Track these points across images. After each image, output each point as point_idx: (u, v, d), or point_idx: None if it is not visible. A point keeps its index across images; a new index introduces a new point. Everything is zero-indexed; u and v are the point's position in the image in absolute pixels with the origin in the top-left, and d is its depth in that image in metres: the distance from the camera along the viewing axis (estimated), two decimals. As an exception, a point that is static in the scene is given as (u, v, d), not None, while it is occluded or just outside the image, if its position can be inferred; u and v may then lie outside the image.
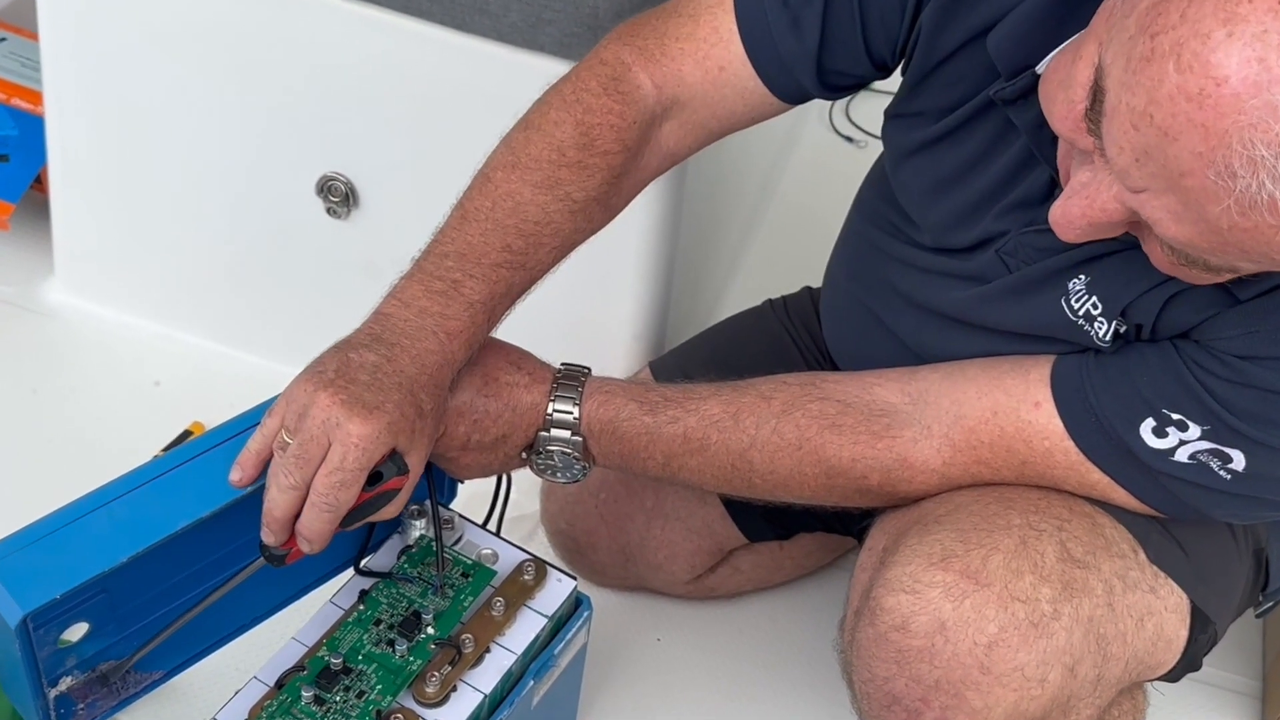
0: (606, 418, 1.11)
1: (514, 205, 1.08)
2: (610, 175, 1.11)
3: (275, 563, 1.00)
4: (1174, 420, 1.00)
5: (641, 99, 1.12)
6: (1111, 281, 1.02)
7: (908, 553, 1.04)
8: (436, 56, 1.44)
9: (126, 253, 1.68)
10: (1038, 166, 1.04)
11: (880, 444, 1.09)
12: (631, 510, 1.38)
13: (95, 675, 1.02)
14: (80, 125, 1.60)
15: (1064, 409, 1.05)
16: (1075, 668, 1.02)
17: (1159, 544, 1.09)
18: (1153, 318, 1.01)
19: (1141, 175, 0.83)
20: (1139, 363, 1.02)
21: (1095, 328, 1.03)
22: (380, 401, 0.96)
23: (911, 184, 1.14)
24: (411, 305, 1.02)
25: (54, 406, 1.61)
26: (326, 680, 1.03)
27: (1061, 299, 1.04)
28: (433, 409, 1.01)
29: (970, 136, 1.08)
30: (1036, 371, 1.06)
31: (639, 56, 1.13)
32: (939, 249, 1.13)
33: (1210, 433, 0.99)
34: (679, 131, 1.16)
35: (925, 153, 1.11)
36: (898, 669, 1.03)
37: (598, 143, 1.10)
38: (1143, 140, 0.81)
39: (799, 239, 1.73)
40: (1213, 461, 1.00)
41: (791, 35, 1.09)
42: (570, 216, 1.09)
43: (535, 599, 1.11)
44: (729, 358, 1.36)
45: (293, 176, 1.54)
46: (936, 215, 1.12)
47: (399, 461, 0.98)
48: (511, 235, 1.07)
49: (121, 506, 0.98)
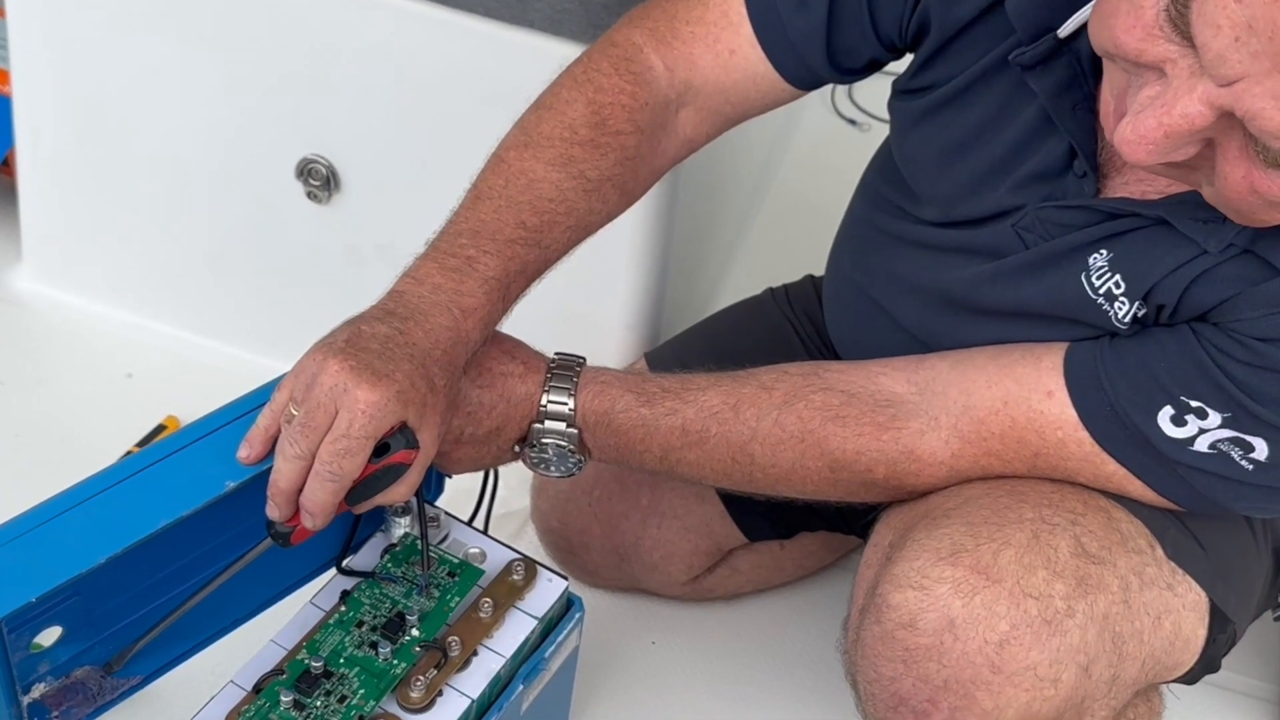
0: (602, 409, 1.11)
1: (527, 182, 1.10)
2: (624, 155, 1.13)
3: (281, 541, 1.00)
4: (1193, 408, 1.00)
5: (653, 80, 1.15)
6: (1137, 260, 1.02)
7: (915, 547, 1.04)
8: (421, 33, 1.43)
9: (98, 238, 1.68)
10: (1053, 136, 1.04)
11: (886, 435, 1.10)
12: (626, 508, 1.38)
13: (70, 681, 1.02)
14: (50, 106, 1.60)
15: (1078, 398, 1.05)
16: (1090, 667, 1.02)
17: (1177, 540, 1.09)
18: (1176, 298, 1.01)
19: (1241, 57, 0.81)
20: (1156, 349, 1.02)
21: (1115, 308, 1.03)
22: (390, 370, 0.97)
23: (919, 154, 1.15)
24: (425, 282, 1.04)
25: (21, 400, 1.60)
26: (306, 684, 1.02)
27: (1082, 275, 1.04)
28: (445, 386, 1.01)
29: (979, 99, 1.08)
30: (1049, 359, 1.06)
31: (650, 38, 1.16)
32: (947, 223, 1.14)
33: (1231, 420, 0.99)
34: (695, 118, 1.18)
35: (932, 119, 1.12)
36: (904, 668, 1.03)
37: (610, 122, 1.12)
38: (1246, 12, 0.79)
39: (800, 225, 1.73)
40: (1234, 451, 1.00)
41: (799, 15, 1.12)
42: (585, 195, 1.11)
43: (525, 600, 1.11)
44: (728, 349, 1.36)
45: (271, 159, 1.54)
46: (946, 185, 1.12)
47: (409, 435, 0.99)
48: (526, 212, 1.09)
49: (95, 506, 0.98)
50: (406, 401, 0.97)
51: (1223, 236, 0.98)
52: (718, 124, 1.20)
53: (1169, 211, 1.00)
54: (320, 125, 1.52)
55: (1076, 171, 1.04)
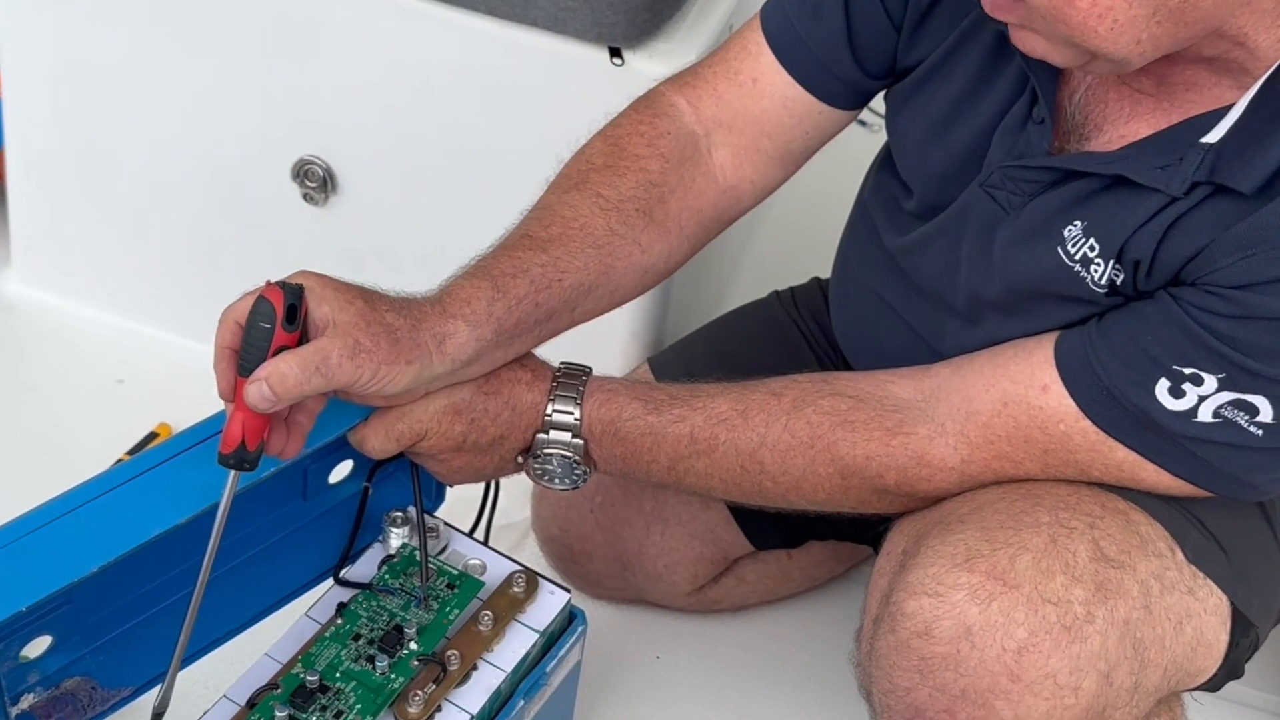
0: (608, 418, 1.11)
1: (541, 208, 1.14)
2: (645, 179, 1.15)
3: (241, 465, 0.97)
4: (1187, 375, 1.00)
5: (674, 113, 1.19)
6: (1109, 220, 1.03)
7: (930, 554, 1.04)
8: (422, 30, 1.44)
9: (88, 241, 1.68)
10: (1025, 89, 1.06)
11: (895, 441, 1.10)
12: (629, 515, 1.38)
13: (60, 692, 1.02)
14: (40, 105, 1.60)
15: (1073, 387, 1.05)
16: (1111, 674, 1.02)
17: (1198, 542, 1.09)
18: (1150, 252, 1.01)
19: None
20: (1139, 322, 1.03)
21: (1091, 271, 1.04)
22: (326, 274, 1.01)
23: (906, 136, 1.17)
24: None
25: (10, 406, 1.61)
26: (302, 699, 1.02)
27: (1058, 247, 1.05)
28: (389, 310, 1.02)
29: (957, 67, 1.10)
30: (1040, 353, 1.07)
31: (672, 84, 1.22)
32: (929, 210, 1.15)
33: (1227, 380, 0.99)
34: (733, 159, 1.21)
35: (916, 96, 1.14)
36: (920, 678, 1.03)
37: (626, 148, 1.16)
38: None
39: (807, 227, 1.73)
40: (1239, 416, 1.00)
41: (817, 26, 1.14)
42: (601, 214, 1.13)
43: (526, 612, 1.11)
44: (733, 353, 1.37)
45: (267, 160, 1.54)
46: (935, 165, 1.14)
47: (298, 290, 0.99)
48: (533, 226, 1.12)
49: (86, 514, 0.98)
50: (325, 283, 1.00)
51: (1183, 176, 0.99)
52: (760, 163, 1.21)
53: (1126, 166, 1.02)
54: (317, 125, 1.52)
55: (1035, 118, 1.06)
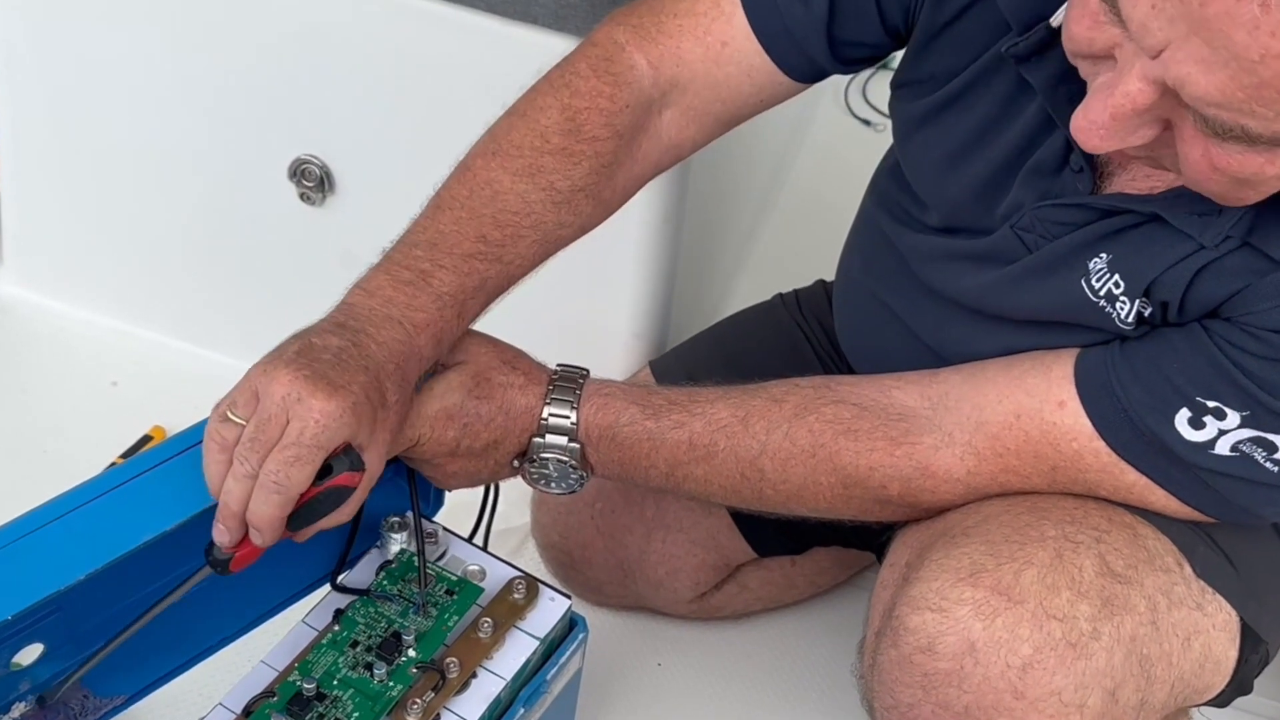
0: (606, 423, 1.11)
1: (492, 194, 1.08)
2: (599, 163, 1.11)
3: (219, 569, 0.98)
4: (1210, 409, 1.00)
5: (635, 80, 1.13)
6: (1134, 257, 1.02)
7: (934, 568, 1.04)
8: (420, 29, 1.44)
9: (82, 241, 1.68)
10: (1054, 131, 1.04)
11: (899, 451, 1.09)
12: (630, 521, 1.38)
13: (51, 701, 1.01)
14: (33, 105, 1.60)
15: (1091, 406, 1.05)
16: (1117, 692, 1.02)
17: (1206, 557, 1.09)
18: (1180, 293, 1.01)
19: (1161, 24, 0.83)
20: (1167, 349, 1.02)
21: (1117, 309, 1.03)
22: (346, 381, 0.96)
23: (921, 159, 1.15)
24: (376, 295, 1.03)
25: (3, 409, 1.61)
26: (298, 707, 1.02)
27: (1081, 279, 1.04)
28: (397, 403, 1.01)
29: (979, 101, 1.08)
30: (1059, 368, 1.06)
31: (633, 35, 1.14)
32: (950, 230, 1.14)
33: (1250, 419, 0.99)
34: (681, 119, 1.17)
35: (933, 123, 1.12)
36: (923, 694, 1.03)
37: (585, 128, 1.11)
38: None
39: (811, 229, 1.73)
40: (1257, 452, 1.00)
41: (799, 3, 1.11)
42: (554, 208, 1.10)
43: (526, 619, 1.10)
44: (737, 357, 1.37)
45: (263, 160, 1.54)
46: (951, 192, 1.12)
47: (354, 457, 0.98)
48: (488, 225, 1.07)
49: (78, 519, 0.98)
50: (360, 415, 0.96)
51: (1218, 230, 0.98)
52: (706, 125, 1.18)
53: (1164, 207, 1.00)
54: (314, 124, 1.52)
55: (1073, 166, 1.04)
